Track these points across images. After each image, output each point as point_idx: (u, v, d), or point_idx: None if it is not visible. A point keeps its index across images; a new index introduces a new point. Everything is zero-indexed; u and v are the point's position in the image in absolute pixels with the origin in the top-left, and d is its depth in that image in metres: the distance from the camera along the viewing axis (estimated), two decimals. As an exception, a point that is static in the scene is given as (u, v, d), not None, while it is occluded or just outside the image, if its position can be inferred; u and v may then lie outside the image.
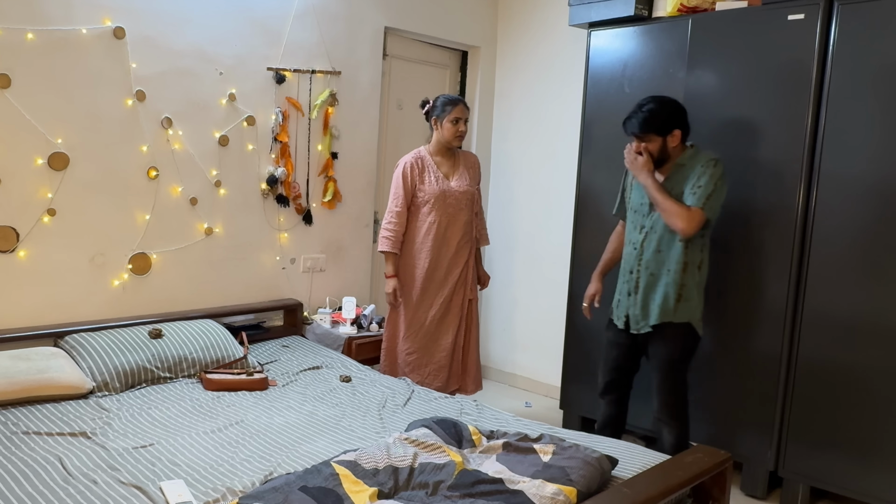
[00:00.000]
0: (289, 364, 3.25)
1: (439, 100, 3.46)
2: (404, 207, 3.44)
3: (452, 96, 3.47)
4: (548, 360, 4.45)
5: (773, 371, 3.11)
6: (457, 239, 3.49)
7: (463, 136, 3.47)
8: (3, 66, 2.77)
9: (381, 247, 3.44)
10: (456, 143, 3.46)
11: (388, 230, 3.43)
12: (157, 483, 1.99)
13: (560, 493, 1.89)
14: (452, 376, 3.59)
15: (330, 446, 2.33)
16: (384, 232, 3.45)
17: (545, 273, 4.47)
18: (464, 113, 3.44)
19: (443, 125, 3.43)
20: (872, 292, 2.86)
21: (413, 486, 1.96)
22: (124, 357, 2.83)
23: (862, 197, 2.88)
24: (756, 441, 3.18)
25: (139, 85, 3.15)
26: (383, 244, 3.44)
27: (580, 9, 3.72)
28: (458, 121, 3.42)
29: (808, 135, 2.99)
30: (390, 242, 3.43)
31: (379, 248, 3.47)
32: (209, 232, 3.46)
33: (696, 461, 2.20)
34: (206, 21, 3.33)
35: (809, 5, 2.95)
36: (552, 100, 4.40)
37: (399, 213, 3.43)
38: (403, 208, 3.44)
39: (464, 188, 3.48)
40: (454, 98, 3.46)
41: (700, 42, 3.31)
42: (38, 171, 2.91)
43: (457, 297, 3.54)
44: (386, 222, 3.45)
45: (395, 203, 3.44)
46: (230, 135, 3.48)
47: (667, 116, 2.84)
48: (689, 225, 2.75)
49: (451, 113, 3.41)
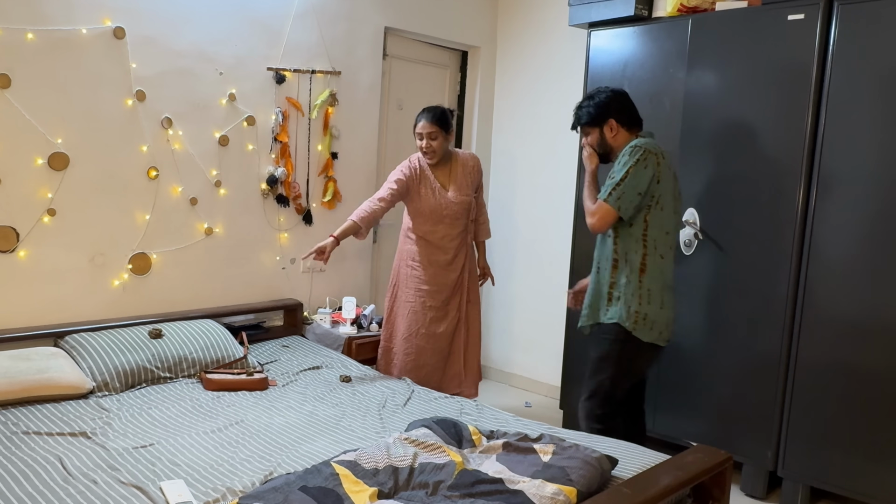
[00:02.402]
0: (289, 364, 3.25)
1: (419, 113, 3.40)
2: (393, 198, 3.33)
3: (424, 110, 3.38)
4: (548, 360, 4.45)
5: (773, 371, 3.11)
6: (453, 246, 3.48)
7: (432, 152, 3.36)
8: (3, 66, 2.77)
9: (353, 215, 3.26)
10: (426, 158, 3.39)
11: (367, 209, 3.26)
12: (157, 483, 1.99)
13: (560, 493, 1.89)
14: (451, 379, 3.59)
15: (330, 446, 2.33)
16: (364, 205, 3.29)
17: (545, 273, 4.47)
18: (424, 128, 3.32)
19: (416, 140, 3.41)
20: (872, 292, 2.86)
21: (413, 486, 1.96)
22: (124, 357, 2.83)
23: (862, 197, 2.88)
24: (756, 441, 3.18)
25: (139, 85, 3.15)
26: (356, 213, 3.26)
27: (580, 9, 3.72)
28: (421, 137, 3.35)
29: (807, 135, 2.99)
30: (360, 214, 3.24)
31: (349, 217, 3.28)
32: (209, 232, 3.46)
33: (696, 461, 2.20)
34: (206, 21, 3.33)
35: (809, 5, 2.95)
36: (552, 100, 4.40)
37: (384, 199, 3.30)
38: (391, 198, 3.32)
39: (460, 199, 3.43)
40: (421, 112, 3.37)
41: (700, 42, 3.31)
42: (38, 171, 2.91)
43: (454, 301, 3.54)
44: (370, 201, 3.31)
45: (388, 191, 3.33)
46: (230, 135, 3.48)
47: (596, 108, 2.78)
48: (592, 220, 2.69)
49: (415, 128, 3.38)
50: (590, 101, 2.82)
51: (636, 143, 2.69)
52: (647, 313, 2.70)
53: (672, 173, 2.74)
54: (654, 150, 2.66)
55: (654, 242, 2.70)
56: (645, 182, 2.62)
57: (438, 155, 3.39)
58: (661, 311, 2.73)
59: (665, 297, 2.75)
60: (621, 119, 2.77)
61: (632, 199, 2.63)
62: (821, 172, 2.97)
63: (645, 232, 2.69)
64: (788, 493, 3.13)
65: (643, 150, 2.64)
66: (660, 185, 2.66)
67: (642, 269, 2.71)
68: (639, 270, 2.71)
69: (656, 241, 2.70)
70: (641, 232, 2.70)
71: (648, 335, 2.72)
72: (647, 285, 2.71)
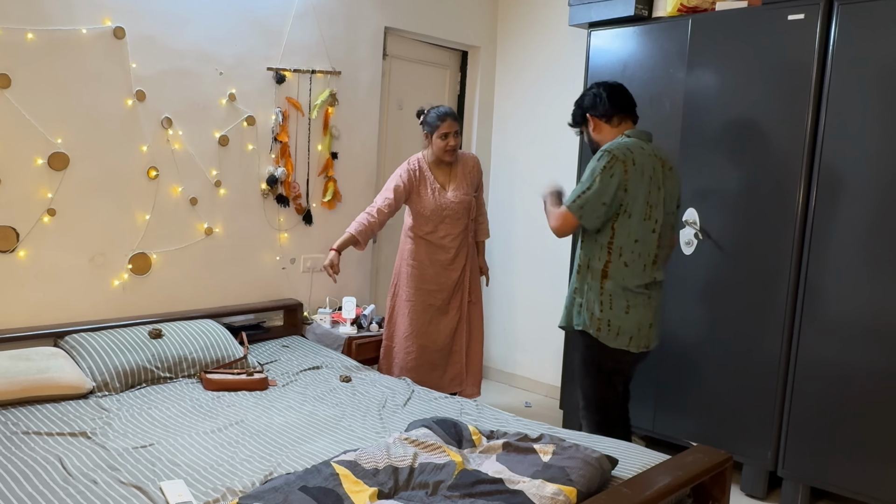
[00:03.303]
0: (289, 364, 3.25)
1: (431, 114, 3.45)
2: (390, 209, 3.40)
3: (443, 110, 3.45)
4: (548, 360, 4.45)
5: (773, 371, 3.11)
6: (454, 246, 3.51)
7: (453, 150, 3.46)
8: (3, 66, 2.77)
9: (350, 228, 3.34)
10: (446, 157, 3.46)
11: (365, 222, 3.35)
12: (157, 483, 1.99)
13: (560, 493, 1.89)
14: (453, 379, 3.60)
15: (330, 446, 2.33)
16: (361, 217, 3.37)
17: (545, 273, 4.47)
18: (452, 127, 3.42)
19: (433, 140, 3.43)
20: (872, 292, 2.86)
21: (413, 486, 1.96)
22: (124, 357, 2.83)
23: (862, 197, 2.88)
24: (756, 441, 3.18)
25: (139, 85, 3.15)
26: (352, 226, 3.35)
27: (580, 9, 3.72)
28: (447, 136, 3.41)
29: (807, 135, 2.99)
30: (358, 227, 3.34)
31: (347, 229, 3.36)
32: (209, 232, 3.46)
33: (696, 461, 2.20)
34: (206, 21, 3.33)
35: (809, 5, 2.95)
36: (552, 100, 4.40)
37: (381, 209, 3.38)
38: (389, 209, 3.40)
39: (460, 198, 3.48)
40: (443, 113, 3.43)
41: (700, 42, 3.31)
42: (38, 171, 2.91)
43: (455, 300, 3.56)
44: (367, 212, 3.39)
45: (385, 202, 3.40)
46: (230, 135, 3.48)
47: (578, 108, 2.82)
48: (553, 224, 2.68)
49: (440, 128, 3.41)
50: (576, 102, 2.85)
51: (608, 146, 2.64)
52: (609, 319, 2.66)
53: (647, 178, 2.62)
54: (623, 156, 2.59)
55: (620, 250, 2.64)
56: (610, 192, 2.57)
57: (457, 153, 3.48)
58: (626, 317, 2.66)
59: (631, 301, 2.66)
60: (598, 113, 2.76)
61: (595, 209, 2.59)
62: (821, 172, 2.97)
63: (611, 239, 2.65)
64: (788, 493, 3.13)
65: (611, 155, 2.59)
66: (627, 194, 2.59)
67: (604, 275, 2.67)
68: (600, 276, 2.67)
69: (622, 248, 2.64)
70: (608, 239, 2.66)
71: (615, 342, 2.67)
72: (609, 291, 2.66)
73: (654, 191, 2.65)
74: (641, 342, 2.70)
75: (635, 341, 2.68)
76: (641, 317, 2.68)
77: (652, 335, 2.74)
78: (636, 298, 2.67)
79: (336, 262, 3.31)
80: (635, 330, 2.68)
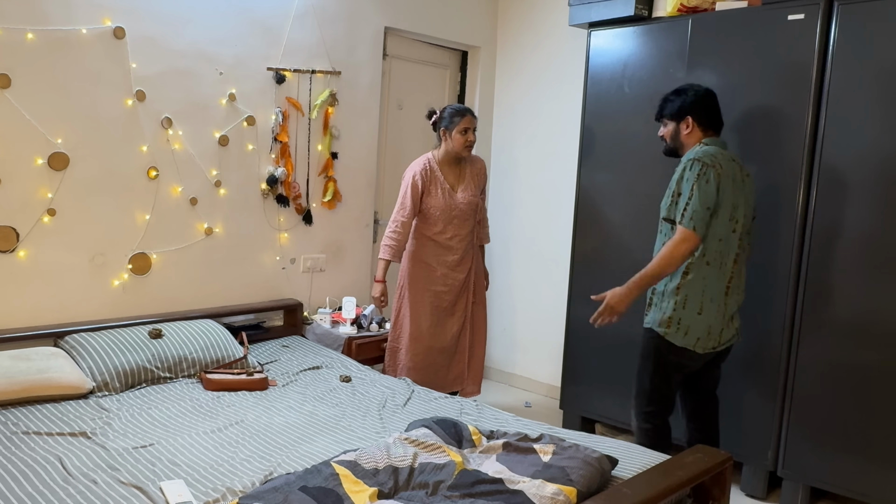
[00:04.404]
0: (289, 364, 3.25)
1: (447, 110, 3.48)
2: (410, 218, 3.45)
3: (460, 107, 3.51)
4: (548, 360, 4.45)
5: (774, 371, 3.11)
6: (461, 247, 3.53)
7: (472, 145, 3.50)
8: (3, 66, 2.77)
9: (383, 254, 3.45)
10: (465, 152, 3.49)
11: (392, 238, 3.44)
12: (157, 483, 1.99)
13: (560, 493, 1.89)
14: (455, 378, 3.60)
15: (330, 446, 2.33)
16: (387, 240, 3.45)
17: (545, 273, 4.47)
18: (472, 123, 3.47)
19: (452, 136, 3.45)
20: (873, 292, 2.86)
21: (413, 486, 1.96)
22: (124, 357, 2.83)
23: (862, 196, 2.88)
24: (756, 441, 3.18)
25: (139, 85, 3.15)
26: (385, 252, 3.45)
27: (580, 9, 3.72)
28: (466, 131, 3.45)
29: (807, 135, 2.99)
30: (391, 251, 3.44)
31: (380, 255, 3.47)
32: (209, 232, 3.46)
33: (696, 461, 2.20)
34: (206, 21, 3.33)
35: (809, 5, 2.95)
36: (552, 100, 4.40)
37: (404, 222, 3.44)
38: (409, 218, 3.45)
39: (468, 199, 3.52)
40: (462, 108, 3.48)
41: (700, 42, 3.31)
42: (38, 171, 2.91)
43: (461, 301, 3.58)
44: (391, 230, 3.46)
45: (401, 213, 3.45)
46: (230, 135, 3.48)
47: (681, 103, 2.80)
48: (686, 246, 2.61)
49: (459, 124, 3.43)
50: (676, 95, 2.83)
51: (695, 156, 2.66)
52: (680, 318, 2.69)
53: (731, 181, 2.66)
54: (712, 161, 2.64)
55: (704, 249, 2.67)
56: (711, 197, 2.61)
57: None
58: (698, 318, 2.68)
59: (706, 304, 2.69)
60: (699, 119, 2.79)
61: (703, 217, 2.61)
62: (821, 172, 2.97)
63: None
64: (788, 493, 3.13)
65: (702, 164, 2.62)
66: (719, 196, 2.64)
67: (685, 273, 2.69)
68: (681, 275, 2.69)
69: (706, 247, 2.67)
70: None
71: (682, 340, 2.70)
72: (686, 291, 2.70)
73: (738, 193, 2.72)
74: (709, 343, 2.73)
75: (703, 343, 2.72)
76: (713, 319, 2.71)
77: (723, 337, 2.76)
78: (710, 303, 2.70)
79: (385, 291, 3.48)
80: (705, 332, 2.71)
